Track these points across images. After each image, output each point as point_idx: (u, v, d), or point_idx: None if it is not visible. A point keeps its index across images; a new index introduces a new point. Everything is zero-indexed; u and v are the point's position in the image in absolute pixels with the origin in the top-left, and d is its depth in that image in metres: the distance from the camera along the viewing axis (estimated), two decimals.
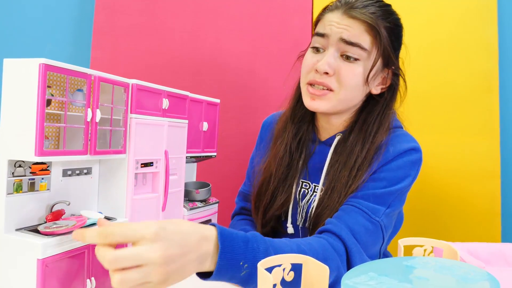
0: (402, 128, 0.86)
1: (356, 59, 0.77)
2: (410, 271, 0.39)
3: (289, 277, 0.43)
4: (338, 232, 0.68)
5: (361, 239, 0.69)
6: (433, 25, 1.24)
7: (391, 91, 0.83)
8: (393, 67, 0.82)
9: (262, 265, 0.41)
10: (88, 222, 0.55)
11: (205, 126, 0.81)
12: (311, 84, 0.80)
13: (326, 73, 0.77)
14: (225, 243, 0.53)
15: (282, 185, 0.86)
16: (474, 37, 1.23)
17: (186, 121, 0.74)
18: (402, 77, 0.84)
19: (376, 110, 0.83)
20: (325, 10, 0.83)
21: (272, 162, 0.87)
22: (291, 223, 0.85)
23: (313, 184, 0.85)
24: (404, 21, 0.85)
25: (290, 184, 0.86)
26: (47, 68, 0.49)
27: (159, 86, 0.67)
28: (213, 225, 0.55)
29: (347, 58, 0.77)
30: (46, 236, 0.50)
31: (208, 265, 0.52)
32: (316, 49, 0.81)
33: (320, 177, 0.82)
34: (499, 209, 1.20)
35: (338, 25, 0.77)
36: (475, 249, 0.73)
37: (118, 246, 0.47)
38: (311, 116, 0.88)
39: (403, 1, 1.25)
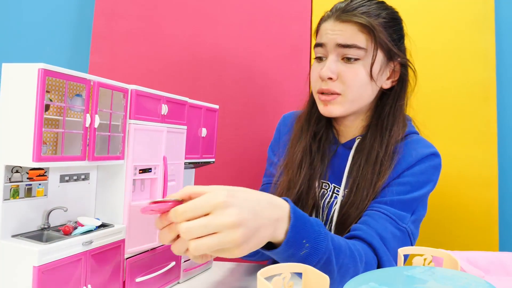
0: (418, 134, 0.87)
1: (356, 59, 0.80)
2: (412, 281, 0.39)
3: (289, 286, 0.42)
4: (369, 240, 0.69)
5: (390, 246, 0.69)
6: (430, 34, 1.25)
7: (400, 83, 0.85)
8: (398, 59, 0.83)
9: (261, 274, 0.40)
10: (84, 229, 0.55)
11: (204, 132, 0.81)
12: (321, 93, 0.83)
13: (330, 78, 0.80)
14: (297, 218, 0.54)
15: (307, 190, 0.86)
16: (471, 46, 1.23)
17: (185, 127, 0.74)
18: (410, 67, 0.86)
19: (388, 103, 0.85)
20: (321, 20, 0.87)
21: (293, 165, 0.87)
22: None
23: (333, 184, 0.86)
24: None
25: (314, 188, 0.86)
26: (46, 73, 0.48)
27: (159, 92, 0.66)
28: (285, 199, 0.56)
29: (348, 60, 0.80)
30: (43, 243, 0.49)
31: (278, 234, 0.53)
32: (320, 59, 0.85)
33: (341, 179, 0.83)
34: (497, 217, 1.20)
35: (333, 31, 0.81)
36: (473, 258, 0.72)
37: None
38: (328, 119, 0.90)
39: (400, 10, 1.25)
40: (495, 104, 1.22)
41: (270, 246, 0.56)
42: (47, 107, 0.55)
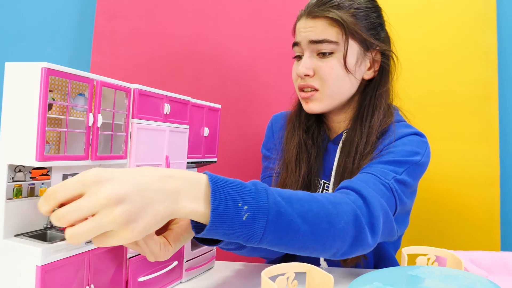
0: (405, 122, 0.87)
1: (330, 53, 0.81)
2: (416, 281, 0.39)
3: (293, 286, 0.42)
4: (346, 185, 0.65)
5: (374, 190, 0.65)
6: (432, 33, 1.25)
7: (380, 72, 0.86)
8: (377, 48, 0.84)
9: (265, 274, 0.40)
10: None
11: (206, 131, 0.81)
12: (302, 90, 0.85)
13: (307, 75, 0.82)
14: (217, 184, 0.47)
15: (308, 188, 0.86)
16: (473, 45, 1.23)
17: (187, 126, 0.74)
18: (391, 55, 0.85)
19: (368, 93, 0.85)
20: (296, 19, 0.89)
21: (290, 162, 0.88)
22: None
23: (322, 181, 0.87)
24: (403, 29, 0.87)
25: (313, 185, 0.87)
26: (49, 72, 0.48)
27: (161, 91, 0.66)
28: (205, 173, 0.50)
29: (323, 55, 0.82)
30: (46, 243, 0.49)
31: (188, 207, 0.46)
32: (299, 57, 0.87)
33: (330, 175, 0.84)
34: (499, 217, 1.20)
35: (305, 29, 0.83)
36: (476, 257, 0.72)
37: None
38: (318, 115, 0.91)
39: (402, 8, 1.25)
40: (497, 103, 1.22)
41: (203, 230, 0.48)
42: (50, 106, 0.55)
